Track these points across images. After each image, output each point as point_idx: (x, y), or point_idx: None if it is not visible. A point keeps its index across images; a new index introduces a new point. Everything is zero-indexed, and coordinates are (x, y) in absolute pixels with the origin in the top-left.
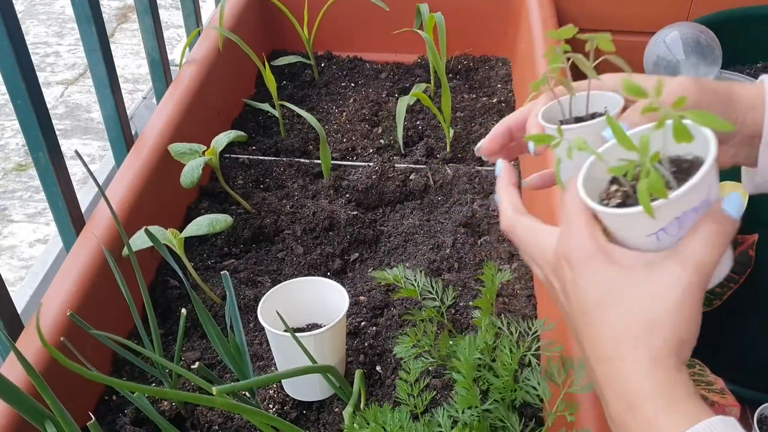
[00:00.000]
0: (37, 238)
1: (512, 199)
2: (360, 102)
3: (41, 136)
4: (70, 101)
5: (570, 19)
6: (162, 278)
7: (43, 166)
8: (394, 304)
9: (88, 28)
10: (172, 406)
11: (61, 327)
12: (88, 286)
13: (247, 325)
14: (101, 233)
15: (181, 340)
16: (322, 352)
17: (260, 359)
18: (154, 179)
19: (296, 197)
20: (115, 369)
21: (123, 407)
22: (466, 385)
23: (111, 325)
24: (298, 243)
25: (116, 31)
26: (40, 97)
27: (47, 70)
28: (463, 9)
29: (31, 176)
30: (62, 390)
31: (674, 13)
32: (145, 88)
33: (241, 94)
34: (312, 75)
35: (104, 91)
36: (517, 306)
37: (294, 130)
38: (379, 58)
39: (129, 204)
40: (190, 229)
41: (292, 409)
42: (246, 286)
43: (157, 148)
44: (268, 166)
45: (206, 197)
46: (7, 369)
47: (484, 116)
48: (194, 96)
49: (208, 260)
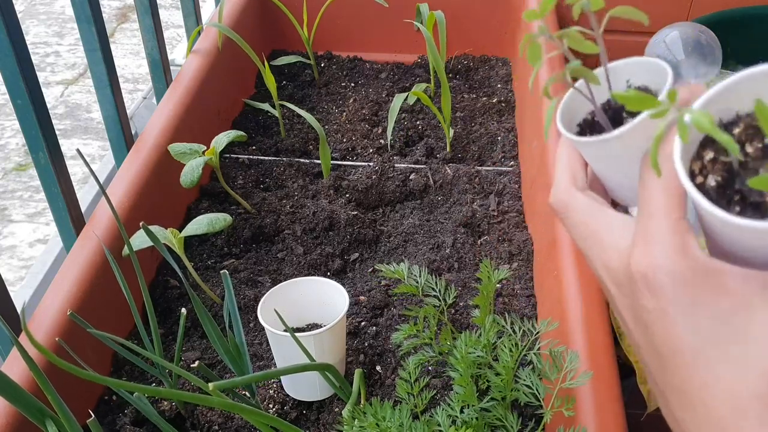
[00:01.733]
0: (37, 238)
1: (572, 165)
2: (360, 102)
3: (41, 136)
4: (70, 101)
5: (571, 18)
6: (162, 278)
7: (43, 166)
8: (394, 304)
9: (88, 28)
10: (172, 406)
11: (61, 327)
12: (88, 286)
13: (247, 325)
14: (101, 233)
15: (180, 340)
16: (322, 352)
17: (260, 359)
18: (154, 179)
19: (296, 197)
20: (115, 369)
21: (123, 407)
22: (463, 382)
23: (111, 325)
24: (298, 243)
25: (116, 31)
26: (40, 96)
27: (47, 69)
28: (463, 9)
29: (31, 176)
30: (62, 390)
31: (674, 13)
32: (145, 87)
33: (241, 94)
34: (312, 75)
35: (104, 91)
36: (517, 306)
37: (294, 130)
38: (379, 57)
39: (129, 204)
40: (190, 228)
41: (292, 409)
42: (246, 286)
43: (157, 147)
44: (268, 166)
45: (206, 197)
46: (8, 368)
47: (484, 116)
48: (194, 96)
49: (208, 260)
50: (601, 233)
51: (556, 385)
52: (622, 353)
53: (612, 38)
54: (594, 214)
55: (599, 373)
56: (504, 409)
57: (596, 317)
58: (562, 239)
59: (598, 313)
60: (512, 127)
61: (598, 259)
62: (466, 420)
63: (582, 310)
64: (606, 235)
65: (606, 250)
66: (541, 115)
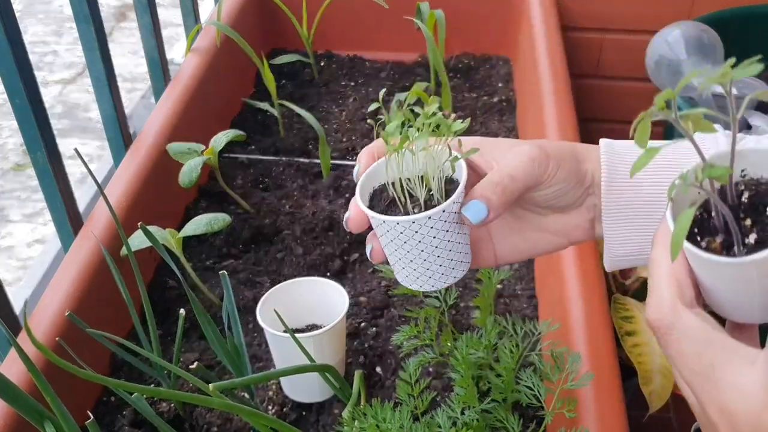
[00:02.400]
0: (35, 238)
1: (678, 274)
2: (360, 101)
3: (39, 136)
4: (68, 100)
5: (571, 17)
6: (161, 278)
7: (41, 166)
8: (394, 305)
9: (87, 27)
10: (171, 407)
11: (60, 327)
12: (86, 287)
13: (246, 326)
14: (99, 233)
15: (179, 340)
16: (322, 353)
17: (259, 360)
18: (153, 179)
19: (296, 197)
20: (114, 370)
21: (121, 408)
22: (464, 383)
23: (109, 325)
24: (298, 243)
25: (115, 30)
26: (38, 96)
27: (45, 69)
28: (463, 7)
29: (29, 176)
30: (60, 391)
31: (676, 12)
32: (144, 87)
33: (240, 93)
34: (311, 74)
35: (102, 90)
36: (518, 307)
37: (293, 130)
38: (379, 56)
39: (127, 204)
40: (189, 228)
41: (291, 410)
42: (245, 287)
43: (156, 147)
44: (267, 165)
45: (205, 197)
46: (6, 368)
47: (485, 115)
48: (193, 95)
49: (207, 260)
50: (722, 369)
51: (558, 386)
52: (624, 354)
53: (613, 37)
54: (711, 343)
55: (601, 374)
56: (505, 411)
57: (598, 318)
58: None
59: (599, 314)
60: (513, 126)
61: (712, 402)
62: (467, 421)
63: (583, 311)
64: (728, 373)
65: (725, 390)
66: (543, 118)
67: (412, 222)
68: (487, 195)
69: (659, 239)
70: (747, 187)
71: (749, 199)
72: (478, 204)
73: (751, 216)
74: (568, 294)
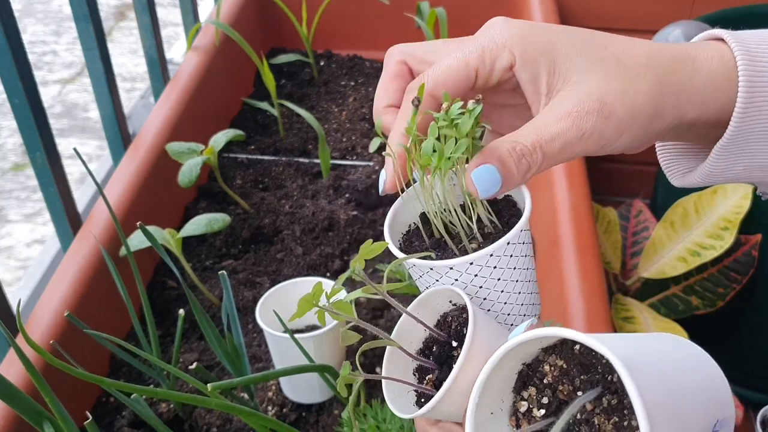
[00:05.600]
0: (34, 238)
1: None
2: (360, 101)
3: (38, 136)
4: (67, 100)
5: (571, 17)
6: (160, 279)
7: (40, 166)
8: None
9: (86, 27)
10: (170, 408)
11: (58, 328)
12: (86, 287)
13: (246, 327)
14: (99, 233)
15: (179, 341)
16: (321, 354)
17: (259, 361)
18: (152, 179)
19: (295, 197)
20: (113, 371)
21: (120, 409)
22: None
23: (108, 326)
24: (298, 243)
25: (114, 30)
26: (37, 96)
27: (44, 68)
28: (464, 6)
29: (29, 176)
30: (59, 392)
31: (677, 12)
32: (143, 86)
33: (240, 93)
34: (311, 73)
35: (102, 90)
36: None
37: (293, 129)
38: (379, 56)
39: (126, 204)
40: (188, 228)
41: (291, 411)
42: (244, 287)
43: (155, 147)
44: (266, 165)
45: (204, 197)
46: (5, 369)
47: None
48: (192, 95)
49: (207, 261)
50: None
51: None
52: None
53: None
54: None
55: None
56: None
57: (598, 316)
58: (563, 238)
59: (599, 312)
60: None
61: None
62: None
63: (584, 311)
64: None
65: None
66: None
67: (470, 263)
68: (510, 167)
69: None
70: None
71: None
72: (490, 169)
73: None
74: (569, 292)
